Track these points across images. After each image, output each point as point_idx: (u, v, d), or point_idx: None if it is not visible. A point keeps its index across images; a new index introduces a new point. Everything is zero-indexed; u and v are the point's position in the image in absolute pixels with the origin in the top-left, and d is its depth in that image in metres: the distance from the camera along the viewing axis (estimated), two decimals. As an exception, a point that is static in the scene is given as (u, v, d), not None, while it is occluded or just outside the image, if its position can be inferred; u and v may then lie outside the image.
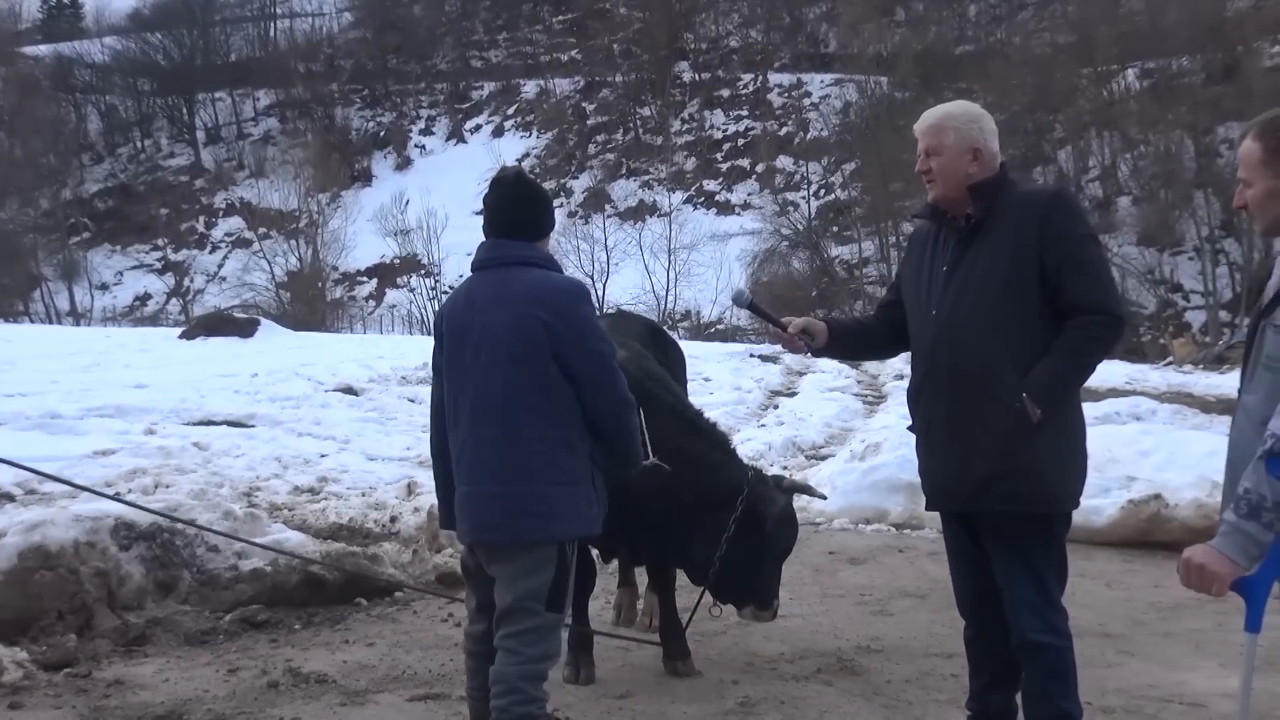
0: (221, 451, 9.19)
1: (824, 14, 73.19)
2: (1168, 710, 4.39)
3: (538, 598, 3.44)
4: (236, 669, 4.85)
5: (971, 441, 3.42)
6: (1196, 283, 48.69)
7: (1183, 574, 2.54)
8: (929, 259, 3.61)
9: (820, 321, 3.80)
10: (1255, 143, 2.66)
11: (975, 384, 3.41)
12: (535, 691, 3.46)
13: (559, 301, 3.46)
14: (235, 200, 71.53)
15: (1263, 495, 2.43)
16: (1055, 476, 3.44)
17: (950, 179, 3.51)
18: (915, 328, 3.65)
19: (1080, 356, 3.40)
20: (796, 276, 55.24)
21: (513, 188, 3.63)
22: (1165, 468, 8.01)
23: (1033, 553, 3.46)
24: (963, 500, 3.52)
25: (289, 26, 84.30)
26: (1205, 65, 52.37)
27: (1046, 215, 3.41)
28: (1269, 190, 2.64)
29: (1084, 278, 3.38)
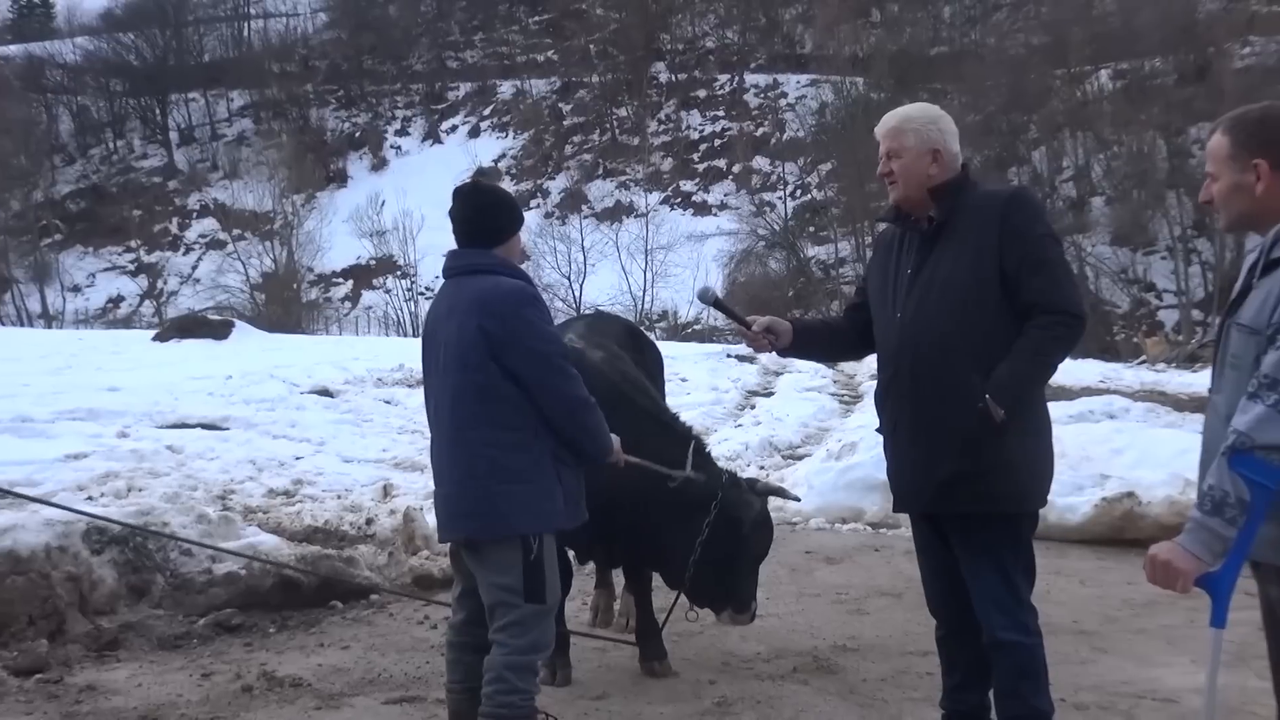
0: (195, 454, 9.11)
1: (800, 15, 73.31)
2: (1141, 706, 4.42)
3: (513, 591, 3.52)
4: (210, 673, 4.83)
5: (936, 443, 3.45)
6: (1169, 282, 49.05)
7: (1149, 570, 2.56)
8: (894, 262, 3.63)
9: (785, 321, 3.81)
10: (1224, 137, 2.69)
11: (939, 385, 3.44)
12: (520, 682, 3.51)
13: (499, 306, 3.53)
14: (209, 201, 71.07)
15: (1226, 491, 2.46)
16: (1020, 476, 3.46)
17: (911, 180, 3.54)
18: (881, 330, 3.67)
19: (1041, 356, 3.42)
20: (773, 277, 55.32)
21: (467, 198, 3.73)
22: (1138, 465, 8.07)
23: (1000, 552, 3.48)
24: (929, 501, 3.55)
25: (263, 26, 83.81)
26: (1177, 66, 52.74)
27: (1006, 216, 3.43)
28: (1234, 185, 2.66)
29: (1043, 277, 3.40)
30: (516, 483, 3.52)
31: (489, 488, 3.52)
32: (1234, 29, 51.68)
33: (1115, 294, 49.28)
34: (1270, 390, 2.45)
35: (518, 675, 3.52)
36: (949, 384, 3.42)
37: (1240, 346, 2.61)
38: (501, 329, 3.50)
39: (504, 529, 3.53)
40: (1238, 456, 2.45)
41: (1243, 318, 2.62)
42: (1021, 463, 3.45)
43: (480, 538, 3.59)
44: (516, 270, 3.73)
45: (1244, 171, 2.64)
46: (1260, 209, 2.65)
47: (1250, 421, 2.45)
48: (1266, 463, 2.43)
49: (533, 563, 3.52)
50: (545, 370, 3.55)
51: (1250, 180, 2.64)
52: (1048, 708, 3.53)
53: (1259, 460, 2.43)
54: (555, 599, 3.67)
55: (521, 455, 3.53)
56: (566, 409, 3.58)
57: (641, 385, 4.72)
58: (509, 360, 3.51)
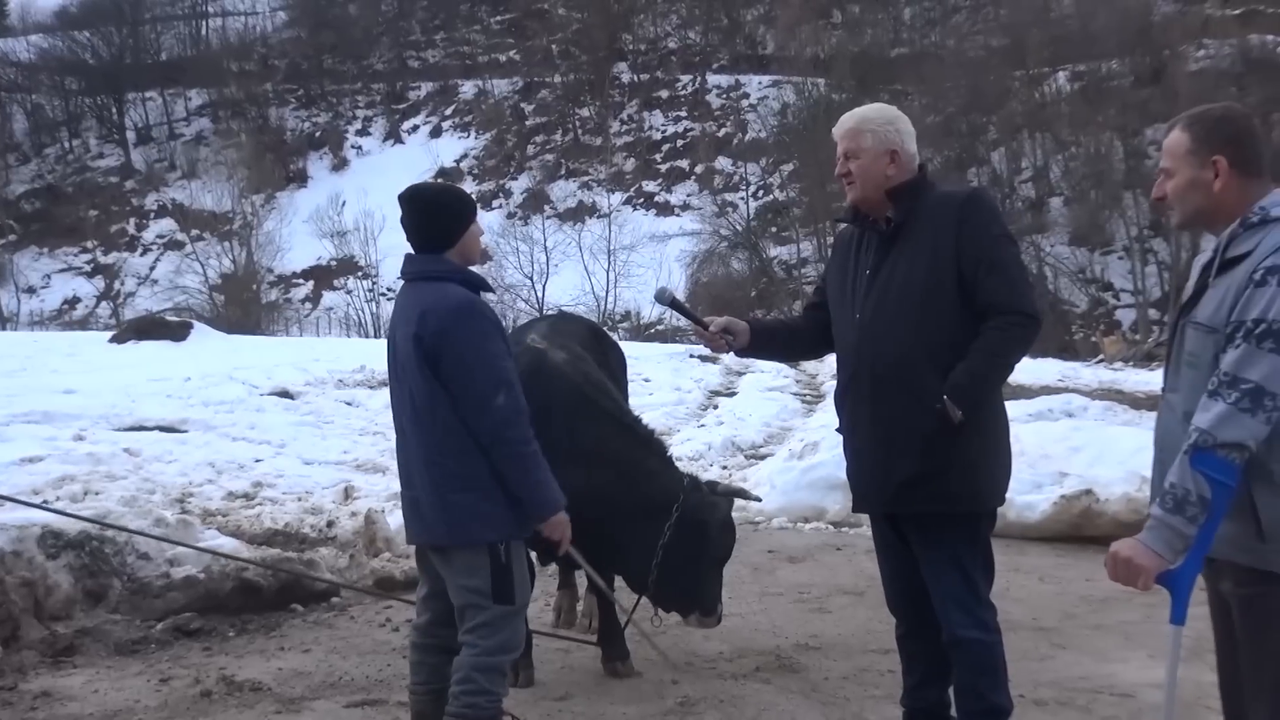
0: (153, 457, 9.04)
1: (761, 16, 73.60)
2: (1099, 701, 4.47)
3: (481, 593, 3.49)
4: (168, 678, 4.77)
5: (895, 443, 3.46)
6: (1126, 281, 49.65)
7: (1110, 568, 2.57)
8: (852, 262, 3.65)
9: (742, 322, 3.81)
10: (1184, 133, 2.70)
11: (897, 386, 3.45)
12: (488, 683, 3.49)
13: (437, 320, 3.47)
14: (167, 202, 70.32)
15: (1188, 490, 2.47)
16: (978, 475, 3.48)
17: (869, 182, 3.55)
18: (839, 331, 3.69)
19: (998, 357, 3.44)
20: (736, 277, 55.50)
21: (410, 203, 3.65)
22: (1096, 463, 8.15)
23: (959, 550, 3.50)
24: (888, 501, 3.56)
25: (221, 25, 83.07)
26: (1133, 69, 53.39)
27: (963, 217, 3.46)
28: (1192, 180, 2.68)
29: (1000, 278, 3.43)
30: (470, 490, 3.48)
31: (445, 496, 3.49)
32: (1188, 32, 52.40)
33: (1073, 294, 49.83)
34: (1230, 388, 2.46)
35: (485, 676, 3.50)
36: (907, 384, 3.43)
37: (1197, 345, 2.63)
38: (439, 342, 3.45)
39: (464, 537, 3.51)
40: (1199, 455, 2.46)
41: (1199, 316, 2.63)
42: (980, 462, 3.48)
43: (443, 544, 3.58)
44: (467, 275, 3.64)
45: (1202, 168, 2.66)
46: (1215, 206, 2.66)
47: (1212, 419, 2.46)
48: (1227, 461, 2.44)
49: (501, 566, 3.50)
50: (469, 386, 3.46)
51: (1208, 177, 2.65)
52: (1007, 704, 3.56)
53: (1220, 459, 2.44)
54: (525, 600, 3.62)
55: (473, 461, 3.47)
56: (488, 428, 3.46)
57: (604, 387, 4.69)
58: (442, 372, 3.47)
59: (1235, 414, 2.44)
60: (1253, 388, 2.44)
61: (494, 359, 3.49)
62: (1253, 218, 2.60)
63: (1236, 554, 2.54)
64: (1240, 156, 2.65)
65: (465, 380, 3.45)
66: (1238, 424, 2.44)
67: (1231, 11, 54.42)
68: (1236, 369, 2.47)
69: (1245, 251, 2.57)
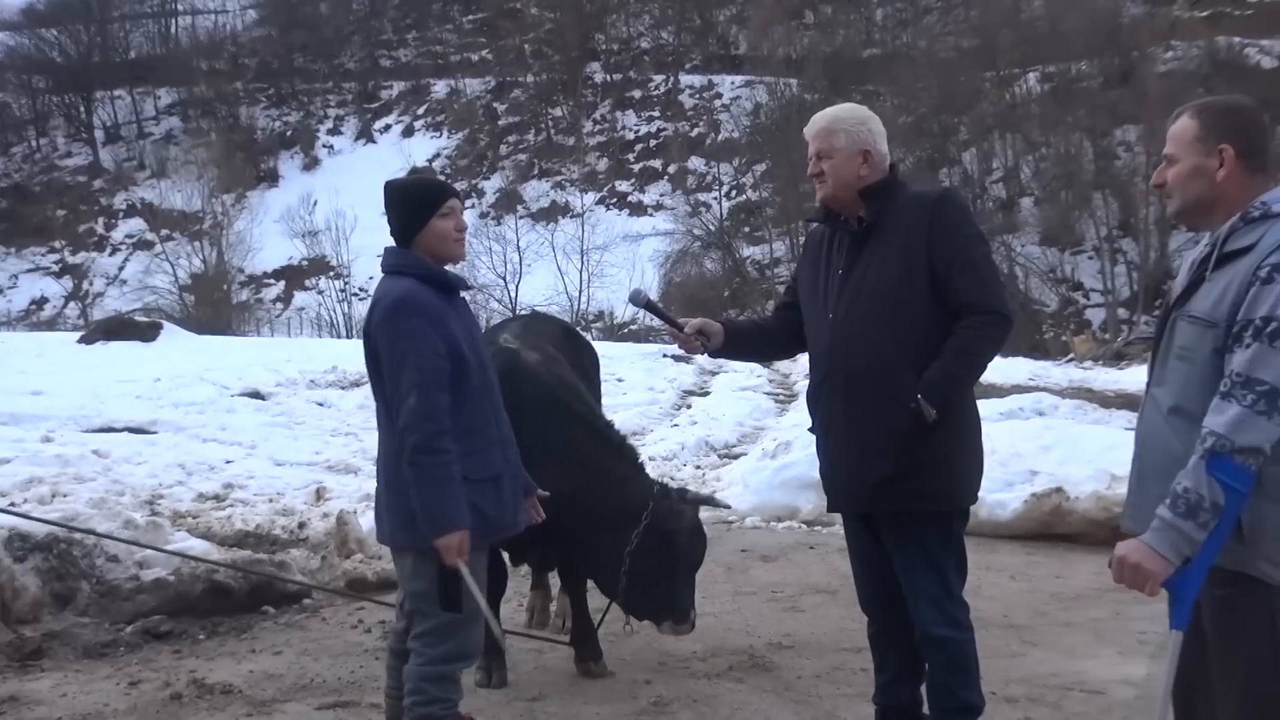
0: (122, 459, 8.96)
1: (734, 16, 73.66)
2: (1069, 698, 4.50)
3: (427, 598, 3.42)
4: (138, 682, 4.74)
5: (870, 442, 3.48)
6: (1096, 281, 49.98)
7: (1116, 571, 2.53)
8: (824, 262, 3.65)
9: (716, 323, 3.81)
10: (1192, 120, 2.68)
11: (871, 385, 3.46)
12: (438, 692, 3.43)
13: (379, 317, 3.44)
14: (136, 201, 69.70)
15: (1201, 495, 2.42)
16: (952, 473, 3.51)
17: (841, 181, 3.56)
18: (812, 330, 3.69)
19: (971, 356, 3.46)
20: (709, 277, 55.53)
21: (385, 196, 3.60)
22: (1066, 461, 8.21)
23: (933, 549, 3.52)
24: (863, 500, 3.57)
25: (191, 23, 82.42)
26: (1102, 70, 53.77)
27: (935, 216, 3.47)
28: (1196, 168, 2.65)
29: (972, 277, 3.45)
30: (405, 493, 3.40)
31: (394, 497, 3.44)
32: (1157, 34, 52.81)
33: (1044, 293, 50.12)
34: (1245, 389, 2.41)
35: (435, 685, 3.44)
36: (881, 384, 3.45)
37: (1191, 339, 2.59)
38: (374, 336, 3.44)
39: (406, 540, 3.45)
40: (1216, 460, 2.41)
41: (1195, 310, 2.59)
42: (953, 461, 3.50)
43: (388, 543, 3.56)
44: (428, 270, 3.51)
45: (1208, 156, 2.63)
46: (1216, 197, 2.64)
47: (1228, 423, 2.41)
48: (1244, 467, 2.40)
49: (447, 572, 3.36)
50: (394, 394, 3.38)
51: (1213, 165, 2.63)
52: (979, 701, 3.58)
53: (1237, 465, 2.40)
54: (474, 609, 3.46)
55: None
56: (404, 443, 3.33)
57: (577, 390, 4.67)
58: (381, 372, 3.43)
59: (1252, 417, 2.40)
60: (1268, 389, 2.40)
61: (416, 357, 3.35)
62: (1254, 212, 2.58)
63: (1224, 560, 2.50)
64: (1247, 148, 2.63)
65: (390, 377, 3.40)
66: (1255, 428, 2.40)
67: (1199, 13, 54.93)
68: (1250, 369, 2.42)
69: (1246, 245, 2.54)
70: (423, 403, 3.32)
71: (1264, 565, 2.49)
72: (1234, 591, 2.52)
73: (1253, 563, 2.49)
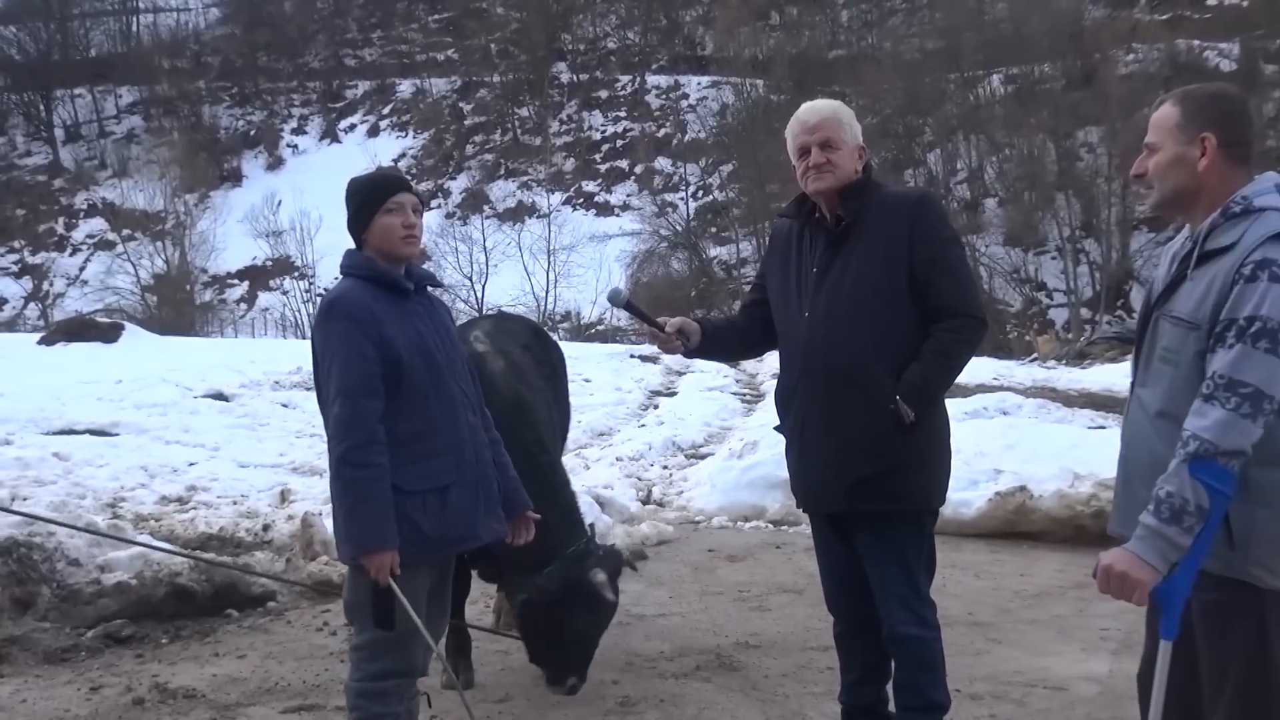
0: (84, 461, 8.86)
1: (700, 17, 73.85)
2: (1033, 694, 4.53)
3: (361, 612, 3.22)
4: (99, 687, 4.68)
5: (847, 442, 3.46)
6: (1059, 281, 50.48)
7: (1101, 581, 2.44)
8: (795, 259, 3.62)
9: (695, 322, 3.76)
10: (1174, 108, 2.59)
11: (849, 385, 3.45)
12: (378, 708, 3.25)
13: (313, 321, 3.31)
14: (97, 201, 69.04)
15: (1186, 499, 2.35)
16: (927, 474, 3.52)
17: (844, 174, 3.52)
18: (785, 329, 3.65)
19: (950, 359, 3.47)
20: (675, 277, 55.67)
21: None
22: (1030, 460, 8.27)
23: (905, 549, 3.53)
24: (839, 500, 3.54)
25: (153, 21, 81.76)
26: (1065, 72, 54.34)
27: (915, 218, 3.47)
28: (1177, 156, 2.56)
29: (951, 280, 3.46)
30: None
31: (335, 508, 3.27)
32: (1118, 36, 53.43)
33: (1008, 293, 50.57)
34: (1228, 392, 2.35)
35: (374, 701, 3.25)
36: (860, 384, 3.44)
37: (1175, 339, 2.53)
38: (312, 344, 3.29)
39: (343, 554, 3.27)
40: (1199, 463, 2.35)
41: (1177, 310, 2.53)
42: (928, 461, 3.51)
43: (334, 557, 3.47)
44: (371, 269, 3.30)
45: (1190, 144, 2.54)
46: (1197, 187, 2.55)
47: (1212, 426, 2.35)
48: (1227, 469, 2.35)
49: (379, 588, 3.13)
50: (322, 401, 3.23)
51: (1195, 154, 2.53)
52: (945, 700, 3.59)
53: (1221, 467, 2.34)
54: (409, 627, 3.19)
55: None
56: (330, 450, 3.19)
57: (530, 414, 4.43)
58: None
59: (1236, 420, 2.34)
60: (1252, 391, 2.34)
61: (341, 362, 3.15)
62: (1234, 207, 2.49)
63: (1204, 561, 2.44)
64: (1230, 137, 2.53)
65: (317, 384, 3.27)
66: (1239, 430, 2.34)
67: (1159, 17, 55.63)
68: (1233, 371, 2.35)
69: (1228, 244, 2.45)
70: (346, 409, 3.12)
71: (1255, 570, 2.44)
72: (1224, 597, 2.47)
73: (1243, 568, 2.44)
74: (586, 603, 4.14)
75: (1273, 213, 2.45)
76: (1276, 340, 2.34)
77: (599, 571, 4.15)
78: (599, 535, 4.60)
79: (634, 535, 7.51)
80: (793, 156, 3.59)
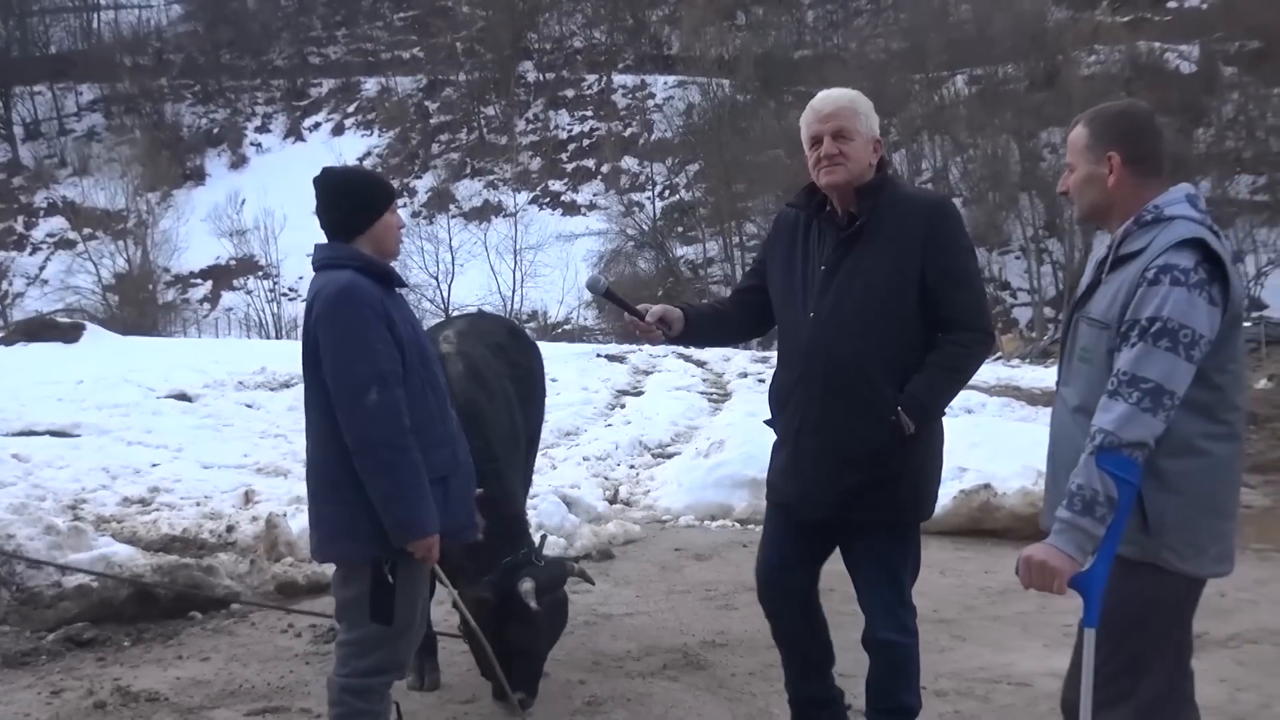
0: (44, 463, 8.75)
1: (666, 16, 73.89)
2: (997, 690, 4.57)
3: (356, 606, 3.23)
4: (60, 690, 4.63)
5: (845, 448, 3.36)
6: (1023, 281, 50.90)
7: (1023, 574, 2.55)
8: (801, 254, 3.49)
9: (677, 309, 3.62)
10: (1084, 129, 2.76)
11: (852, 391, 3.34)
12: (362, 705, 3.24)
13: (322, 310, 3.19)
14: (57, 199, 68.19)
15: (1095, 490, 2.48)
16: (922, 485, 3.46)
17: (858, 168, 3.37)
18: (788, 326, 3.52)
19: (957, 374, 3.39)
20: (643, 276, 55.67)
21: (320, 186, 3.36)
22: (994, 458, 8.34)
23: (894, 557, 3.47)
24: (831, 506, 3.43)
25: (114, 18, 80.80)
26: (1028, 73, 54.80)
27: (932, 224, 3.35)
28: (1089, 175, 2.73)
29: (967, 293, 3.37)
30: (344, 504, 3.19)
31: (321, 507, 3.25)
32: (1080, 38, 53.93)
33: (972, 292, 50.89)
34: (1131, 387, 2.48)
35: (359, 698, 3.24)
36: (862, 391, 3.33)
37: (1090, 340, 2.68)
38: (316, 330, 3.19)
39: (334, 554, 3.27)
40: (1105, 455, 2.48)
41: (1093, 311, 2.68)
42: (925, 472, 3.45)
43: (317, 559, 3.38)
44: (368, 264, 3.29)
45: (1098, 163, 2.71)
46: (1110, 202, 2.72)
47: (1115, 420, 2.48)
48: (1132, 460, 2.47)
49: (383, 583, 3.19)
50: (339, 393, 3.15)
51: (1103, 172, 2.70)
52: (915, 704, 3.55)
53: (1124, 457, 2.47)
54: (407, 622, 3.27)
55: (344, 473, 3.17)
56: (355, 446, 3.13)
57: (479, 420, 4.29)
58: (322, 365, 3.19)
59: (1138, 414, 2.47)
60: (1153, 387, 2.47)
61: (370, 349, 3.14)
62: (1146, 215, 2.65)
63: (1122, 547, 2.58)
64: (1134, 154, 2.69)
65: (337, 373, 3.14)
66: (1140, 424, 2.47)
67: (1120, 19, 56.20)
68: (1135, 368, 2.49)
69: (1138, 249, 2.61)
70: (385, 396, 3.12)
71: (1166, 554, 2.58)
72: (1142, 583, 2.60)
73: (1157, 553, 2.58)
74: (517, 613, 4.06)
75: (1181, 221, 2.61)
76: (1177, 339, 2.48)
77: (526, 580, 4.06)
78: (569, 541, 4.56)
79: (601, 535, 7.51)
80: (805, 145, 3.43)
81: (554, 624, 4.30)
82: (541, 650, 4.29)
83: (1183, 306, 2.49)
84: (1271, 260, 45.41)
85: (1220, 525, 2.63)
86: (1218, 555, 2.63)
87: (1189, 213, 2.63)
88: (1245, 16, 48.50)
